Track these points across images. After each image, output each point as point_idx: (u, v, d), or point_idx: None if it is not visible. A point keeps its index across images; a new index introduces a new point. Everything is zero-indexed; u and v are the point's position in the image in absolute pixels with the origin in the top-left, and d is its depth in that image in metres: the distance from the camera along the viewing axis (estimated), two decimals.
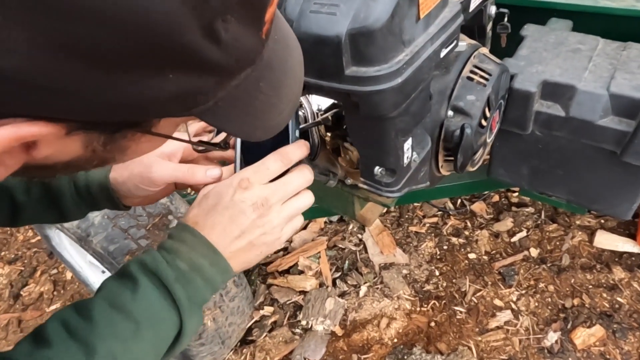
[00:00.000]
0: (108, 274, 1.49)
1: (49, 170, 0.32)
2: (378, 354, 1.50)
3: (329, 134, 0.73)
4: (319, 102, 0.72)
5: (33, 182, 0.61)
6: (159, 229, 1.18)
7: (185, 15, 0.24)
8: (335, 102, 0.68)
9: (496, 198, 1.93)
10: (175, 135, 0.38)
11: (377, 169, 0.63)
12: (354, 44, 0.50)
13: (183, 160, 0.65)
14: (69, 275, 1.99)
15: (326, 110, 0.71)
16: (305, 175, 0.55)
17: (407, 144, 0.63)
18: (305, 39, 0.52)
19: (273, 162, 0.53)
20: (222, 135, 0.55)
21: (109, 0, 0.22)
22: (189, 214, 0.53)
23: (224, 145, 0.53)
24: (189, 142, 0.48)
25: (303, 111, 0.71)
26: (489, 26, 1.04)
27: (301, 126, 0.69)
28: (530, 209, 1.85)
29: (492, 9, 0.99)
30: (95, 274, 1.55)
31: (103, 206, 0.66)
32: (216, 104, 0.31)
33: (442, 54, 0.60)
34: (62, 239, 1.45)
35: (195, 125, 0.67)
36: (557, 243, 1.73)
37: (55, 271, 2.03)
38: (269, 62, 0.34)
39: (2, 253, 2.13)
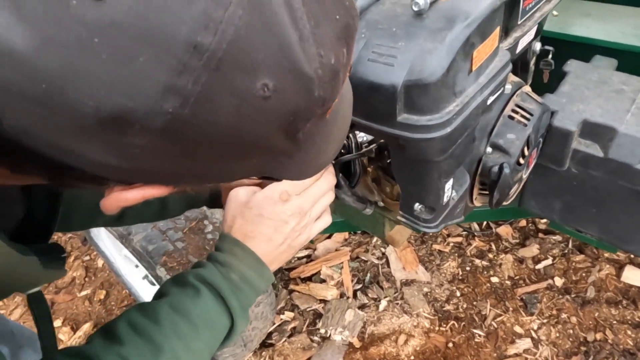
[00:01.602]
0: (142, 269, 1.56)
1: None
2: None
3: (370, 165, 0.76)
4: (362, 134, 0.76)
5: None
6: (195, 232, 1.23)
7: (276, 134, 0.31)
8: None
9: (523, 223, 1.92)
10: None
11: (417, 206, 0.66)
12: (408, 94, 0.53)
13: None
14: (100, 262, 2.08)
15: (370, 143, 0.74)
16: (330, 180, 0.63)
17: (449, 184, 0.66)
18: (360, 84, 0.55)
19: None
20: None
21: (230, 137, 0.29)
22: (234, 224, 0.59)
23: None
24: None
25: (348, 141, 0.75)
26: (532, 61, 1.05)
27: (346, 157, 0.73)
28: (558, 237, 1.84)
29: (537, 46, 1.00)
30: (128, 267, 1.62)
31: (200, 203, 0.74)
32: (281, 166, 0.38)
33: (489, 101, 0.63)
34: (100, 231, 1.52)
35: None
36: (583, 274, 1.71)
37: (87, 258, 2.12)
38: (326, 120, 0.38)
39: None
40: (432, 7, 0.56)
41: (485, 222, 1.95)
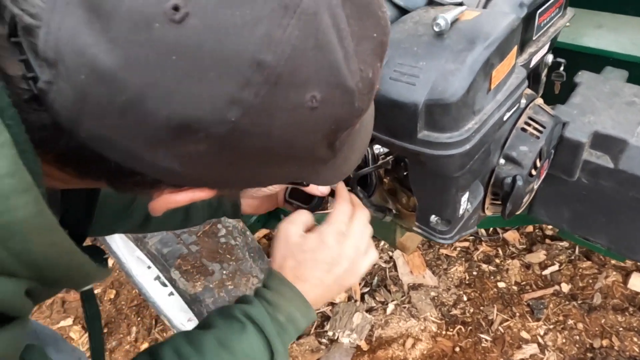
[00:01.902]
0: (154, 270, 1.58)
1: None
2: None
3: (387, 176, 0.78)
4: (378, 146, 0.77)
5: None
6: (208, 236, 1.26)
7: (320, 143, 0.35)
8: None
9: (530, 229, 1.93)
10: None
11: (433, 218, 0.68)
12: (429, 112, 0.54)
13: None
14: (110, 262, 2.11)
15: (386, 155, 0.75)
16: (366, 212, 0.64)
17: (465, 197, 0.67)
18: (382, 102, 0.57)
19: (345, 208, 0.61)
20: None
21: (282, 145, 0.33)
22: (285, 264, 0.58)
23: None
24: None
25: (365, 154, 0.76)
26: (544, 73, 1.06)
27: (364, 170, 0.74)
28: (565, 244, 1.85)
29: (549, 58, 1.02)
30: (139, 268, 1.65)
31: (221, 213, 0.75)
32: (314, 172, 0.42)
33: (506, 118, 0.64)
34: None
35: None
36: (590, 281, 1.72)
37: None
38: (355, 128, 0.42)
39: None
40: (453, 27, 0.58)
41: (492, 228, 1.96)
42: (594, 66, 1.12)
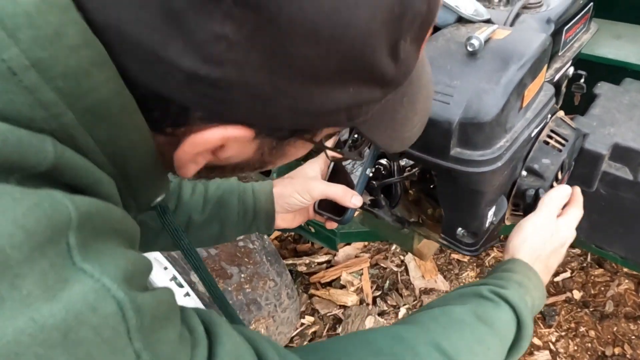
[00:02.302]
0: (170, 271, 1.61)
1: (221, 171, 0.38)
2: None
3: (412, 188, 0.79)
4: (405, 158, 0.79)
5: (209, 202, 0.69)
6: None
7: (381, 34, 0.28)
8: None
9: None
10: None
11: (460, 231, 0.69)
12: (463, 130, 0.56)
13: None
14: None
15: (412, 167, 0.77)
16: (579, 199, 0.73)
17: (491, 211, 0.69)
18: None
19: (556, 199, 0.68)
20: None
21: (329, 23, 0.26)
22: (543, 249, 0.64)
23: (360, 156, 0.57)
24: (333, 149, 0.47)
25: (390, 165, 0.78)
26: (564, 84, 1.07)
27: (389, 180, 0.76)
28: (577, 251, 1.85)
29: (570, 70, 1.03)
30: (156, 268, 1.67)
31: (254, 229, 0.73)
32: (371, 117, 0.34)
33: (533, 134, 0.66)
34: None
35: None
36: (602, 288, 1.73)
37: None
38: (412, 78, 0.36)
39: None
40: (486, 47, 0.59)
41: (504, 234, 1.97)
42: (612, 77, 1.12)
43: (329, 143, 0.58)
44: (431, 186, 0.74)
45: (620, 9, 1.29)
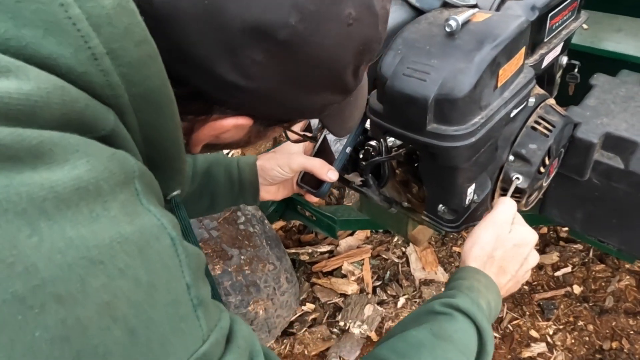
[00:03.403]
0: None
1: (213, 149, 0.49)
2: None
3: (399, 168, 0.82)
4: (392, 139, 0.82)
5: (197, 173, 0.76)
6: (229, 223, 1.32)
7: (351, 63, 0.41)
8: None
9: (544, 230, 1.94)
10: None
11: (441, 207, 0.72)
12: (438, 106, 0.59)
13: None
14: None
15: (399, 147, 0.80)
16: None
17: (471, 189, 0.72)
18: (396, 97, 0.62)
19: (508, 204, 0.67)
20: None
21: (326, 56, 0.38)
22: (495, 253, 0.63)
23: (314, 138, 0.68)
24: (295, 132, 0.60)
25: (379, 145, 0.81)
26: (559, 74, 1.09)
27: (377, 159, 0.79)
28: (579, 246, 1.85)
29: (564, 60, 1.04)
30: None
31: (241, 200, 0.80)
32: (332, 112, 0.47)
33: (513, 114, 0.68)
34: None
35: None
36: (603, 284, 1.73)
37: None
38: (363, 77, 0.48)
39: None
40: (465, 28, 0.62)
41: None
42: (611, 69, 1.13)
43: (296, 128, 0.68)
44: (416, 165, 0.77)
45: (621, 2, 1.30)
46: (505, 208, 0.66)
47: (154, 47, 0.34)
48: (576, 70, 1.05)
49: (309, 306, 1.80)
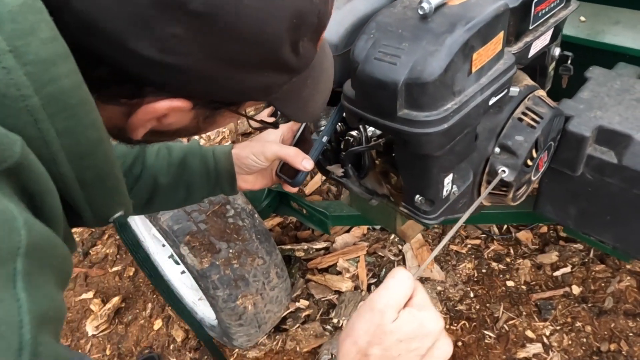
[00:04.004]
0: (167, 248, 1.66)
1: (162, 135, 0.47)
2: None
3: (378, 158, 0.80)
4: (371, 129, 0.80)
5: (172, 164, 0.75)
6: (217, 216, 1.31)
7: (285, 37, 0.38)
8: None
9: (544, 229, 1.91)
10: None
11: (418, 198, 0.70)
12: (408, 91, 0.57)
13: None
14: None
15: (378, 137, 0.78)
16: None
17: (448, 179, 0.69)
18: (367, 82, 0.60)
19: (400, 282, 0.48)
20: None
21: (250, 28, 0.36)
22: (370, 350, 0.45)
23: (275, 125, 0.62)
24: (253, 119, 0.55)
25: (358, 135, 0.79)
26: (551, 67, 1.06)
27: (356, 148, 0.78)
28: (579, 246, 1.81)
29: (556, 51, 1.02)
30: (155, 246, 1.73)
31: (219, 190, 0.79)
32: (282, 94, 0.45)
33: (491, 102, 0.66)
34: None
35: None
36: (602, 284, 1.69)
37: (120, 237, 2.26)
38: (314, 65, 0.46)
39: None
40: (439, 12, 0.60)
41: (505, 227, 1.94)
42: (609, 62, 1.10)
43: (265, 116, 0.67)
44: (393, 155, 0.75)
45: None
46: (393, 286, 0.47)
47: (65, 46, 0.32)
48: (569, 62, 1.02)
49: (303, 302, 1.79)
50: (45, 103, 0.32)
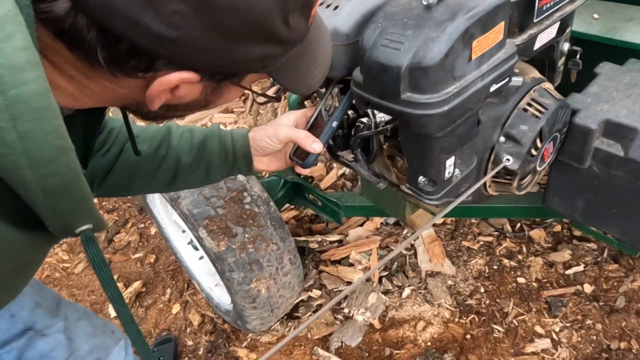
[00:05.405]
0: (187, 234, 1.73)
1: (177, 110, 0.52)
2: (410, 353, 1.59)
3: (386, 143, 0.85)
4: (380, 115, 0.85)
5: (194, 145, 0.81)
6: (235, 202, 1.38)
7: (275, 11, 0.42)
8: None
9: (558, 228, 1.91)
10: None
11: (421, 179, 0.74)
12: (411, 75, 0.61)
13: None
14: (153, 230, 2.30)
15: (386, 123, 0.83)
16: None
17: (450, 161, 0.73)
18: (373, 67, 0.65)
19: None
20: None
21: (243, 4, 0.40)
22: None
23: (277, 98, 0.68)
24: (257, 93, 0.62)
25: (367, 120, 0.84)
26: (561, 62, 1.08)
27: (364, 133, 0.82)
28: (593, 245, 1.81)
29: (565, 46, 1.04)
30: (176, 232, 1.81)
31: (236, 170, 0.84)
32: (280, 66, 0.49)
33: (492, 89, 0.70)
34: (155, 197, 1.71)
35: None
36: (615, 284, 1.68)
37: (142, 225, 2.35)
38: (310, 40, 0.51)
39: (104, 203, 2.50)
40: (443, 2, 0.64)
41: (518, 224, 1.95)
42: (621, 59, 1.12)
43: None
44: (399, 139, 0.79)
45: None
46: None
47: (35, 56, 0.35)
48: (578, 56, 1.04)
49: (315, 292, 1.84)
50: (9, 104, 0.34)
